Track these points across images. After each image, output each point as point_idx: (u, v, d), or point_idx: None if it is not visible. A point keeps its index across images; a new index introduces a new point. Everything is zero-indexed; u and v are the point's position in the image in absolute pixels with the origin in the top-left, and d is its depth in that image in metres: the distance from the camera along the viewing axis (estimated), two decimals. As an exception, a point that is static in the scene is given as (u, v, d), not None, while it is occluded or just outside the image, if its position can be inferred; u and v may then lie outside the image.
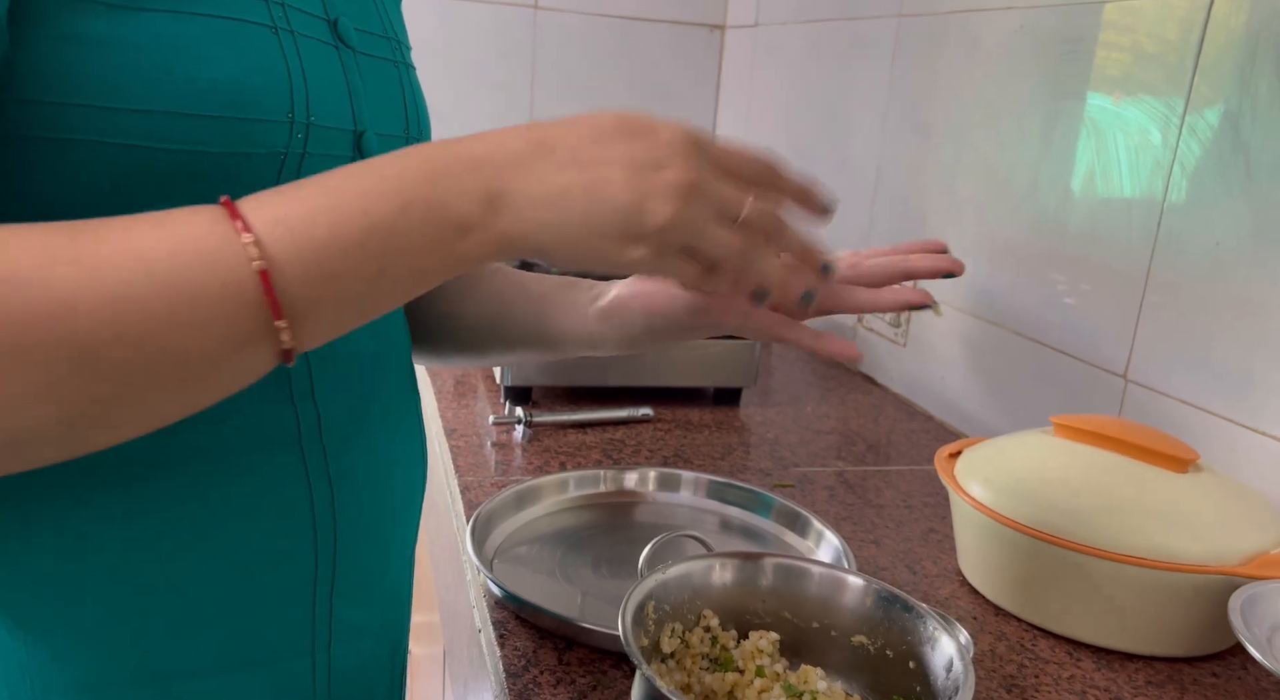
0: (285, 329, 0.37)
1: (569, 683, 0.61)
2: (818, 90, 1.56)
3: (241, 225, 0.36)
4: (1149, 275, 0.91)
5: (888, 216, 1.35)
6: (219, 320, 0.35)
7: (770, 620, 0.59)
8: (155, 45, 0.39)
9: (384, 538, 0.54)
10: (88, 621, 0.43)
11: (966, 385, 1.18)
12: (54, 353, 0.33)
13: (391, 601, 0.57)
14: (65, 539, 0.43)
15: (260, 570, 0.47)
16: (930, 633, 0.54)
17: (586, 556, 0.77)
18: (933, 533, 0.87)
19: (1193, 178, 0.86)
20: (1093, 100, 0.98)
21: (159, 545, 0.44)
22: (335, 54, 0.48)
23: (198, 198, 0.39)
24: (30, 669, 0.43)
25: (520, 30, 1.85)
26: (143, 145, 0.40)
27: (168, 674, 0.45)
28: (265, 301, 0.36)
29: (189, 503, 0.45)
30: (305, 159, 0.45)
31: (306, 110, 0.44)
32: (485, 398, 1.14)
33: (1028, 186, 1.07)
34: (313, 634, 0.50)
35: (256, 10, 0.43)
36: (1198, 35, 0.85)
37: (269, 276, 0.35)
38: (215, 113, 0.41)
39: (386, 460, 0.54)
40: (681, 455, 1.00)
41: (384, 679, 0.58)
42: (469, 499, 0.86)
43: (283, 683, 0.49)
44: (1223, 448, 0.83)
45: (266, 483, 0.47)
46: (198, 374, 0.37)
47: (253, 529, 0.47)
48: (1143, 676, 0.67)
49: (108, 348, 0.34)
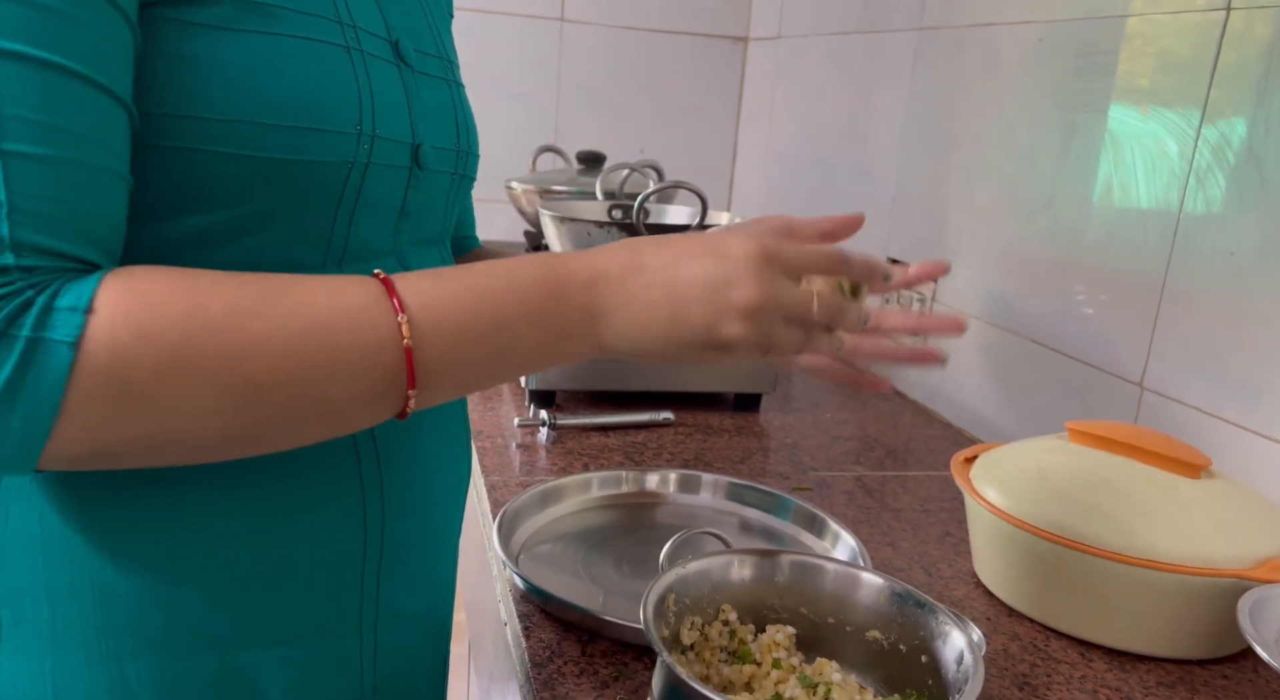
0: (414, 395, 0.44)
1: (592, 673, 0.63)
2: (839, 101, 1.59)
3: (398, 305, 0.43)
4: (1165, 285, 0.92)
5: (906, 226, 1.37)
6: (365, 379, 0.43)
7: (787, 615, 0.61)
8: (245, 63, 0.43)
9: (429, 528, 0.57)
10: (164, 593, 0.47)
11: (984, 393, 1.19)
12: (234, 387, 0.40)
13: (436, 589, 0.60)
14: (162, 521, 0.47)
15: (314, 554, 0.51)
16: (942, 627, 0.56)
17: (608, 555, 0.79)
18: (949, 536, 0.89)
19: (1208, 189, 0.88)
20: (1110, 112, 0.99)
21: (230, 527, 0.48)
22: (396, 72, 0.51)
23: (278, 201, 0.45)
24: (105, 631, 0.46)
25: (546, 42, 1.89)
26: (232, 152, 0.44)
27: (230, 643, 0.49)
28: (405, 372, 0.43)
29: (257, 490, 0.49)
30: (370, 168, 0.49)
31: (373, 123, 0.48)
32: (510, 401, 1.16)
33: (1045, 197, 1.09)
34: (360, 615, 0.53)
35: (332, 32, 0.47)
36: (1213, 49, 0.87)
37: (412, 354, 0.43)
38: (294, 123, 0.45)
39: (433, 455, 0.57)
40: (702, 458, 1.02)
41: (427, 663, 0.61)
42: (495, 498, 0.88)
43: (333, 659, 0.53)
44: (1237, 455, 0.84)
45: (323, 475, 0.51)
46: (336, 417, 0.44)
47: (309, 516, 0.51)
48: (1154, 677, 0.68)
49: (276, 389, 0.41)
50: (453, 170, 0.58)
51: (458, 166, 0.59)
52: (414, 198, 0.54)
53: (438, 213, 0.59)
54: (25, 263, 0.37)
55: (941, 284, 1.28)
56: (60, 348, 0.37)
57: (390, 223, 0.54)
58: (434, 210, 0.58)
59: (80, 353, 0.37)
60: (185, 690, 0.48)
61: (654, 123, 1.97)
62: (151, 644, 0.47)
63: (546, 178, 1.66)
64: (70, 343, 0.37)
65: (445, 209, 0.60)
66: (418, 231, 0.57)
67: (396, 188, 0.52)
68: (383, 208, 0.52)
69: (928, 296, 1.30)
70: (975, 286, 1.21)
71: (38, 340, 0.37)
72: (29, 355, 0.36)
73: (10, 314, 0.36)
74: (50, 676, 0.46)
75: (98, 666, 0.46)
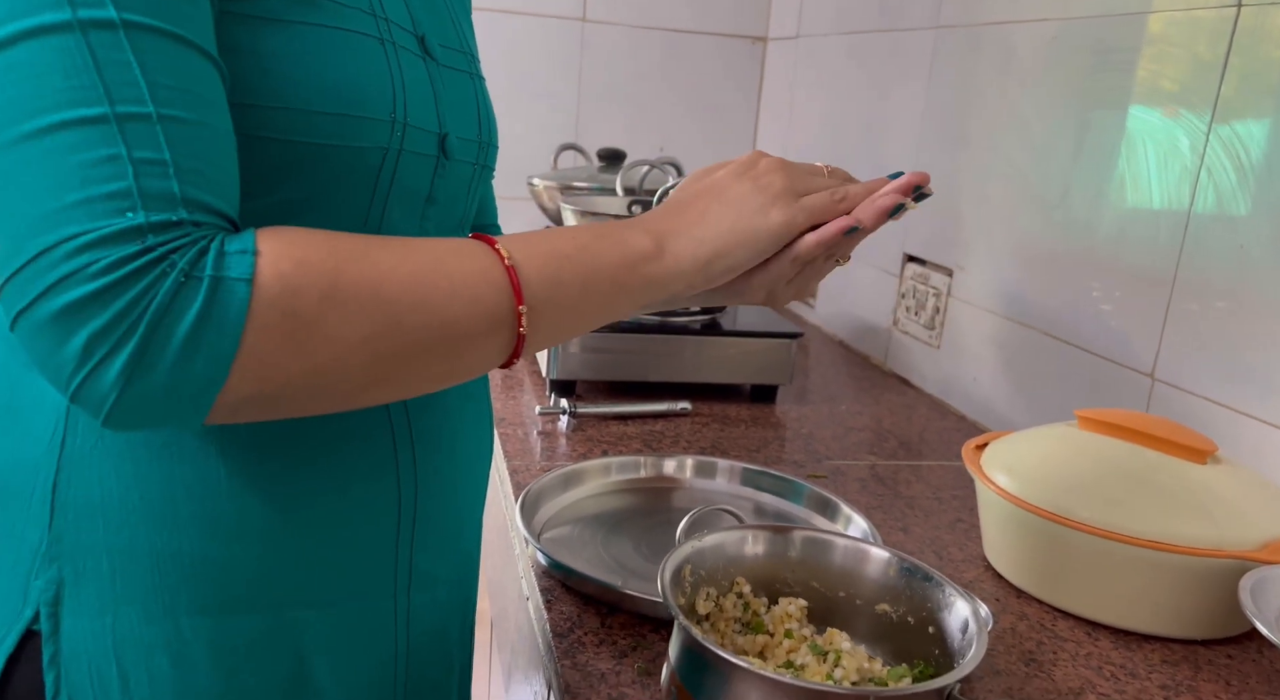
0: (525, 313, 0.48)
1: (611, 644, 0.66)
2: (856, 99, 1.60)
3: (492, 242, 0.49)
4: (1176, 278, 0.94)
5: (923, 222, 1.38)
6: (483, 299, 0.47)
7: (799, 589, 0.63)
8: (290, 53, 0.46)
9: (456, 500, 0.60)
10: (216, 555, 0.50)
11: (998, 385, 1.21)
12: (376, 314, 0.43)
13: (462, 560, 0.63)
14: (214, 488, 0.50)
15: (353, 521, 0.54)
16: (948, 599, 0.58)
17: (626, 536, 0.82)
18: (960, 522, 0.91)
19: (1219, 184, 0.89)
20: (1123, 109, 1.01)
21: (277, 495, 0.51)
22: (424, 65, 0.54)
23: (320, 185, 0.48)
24: (161, 589, 0.49)
25: (568, 42, 1.92)
26: (279, 138, 0.47)
27: (276, 603, 0.52)
28: (511, 290, 0.48)
29: (304, 461, 0.52)
30: (402, 155, 0.51)
31: (405, 111, 0.51)
32: (531, 390, 1.19)
33: (1059, 193, 1.10)
34: (395, 579, 0.56)
35: (367, 24, 0.50)
36: (1225, 46, 0.88)
37: (514, 271, 0.48)
38: (335, 110, 0.48)
39: (459, 432, 0.60)
40: (718, 447, 1.04)
41: (456, 628, 0.64)
42: (517, 481, 0.91)
43: (371, 620, 0.56)
44: (1246, 443, 0.85)
45: (362, 449, 0.54)
46: (463, 344, 0.47)
47: (349, 486, 0.54)
48: (1158, 656, 0.70)
49: (410, 313, 0.45)
50: (474, 160, 0.61)
51: (479, 157, 0.61)
52: (440, 185, 0.57)
53: (460, 200, 0.61)
54: (195, 218, 0.40)
55: (957, 278, 1.29)
56: (239, 285, 0.40)
57: (418, 209, 0.56)
58: (458, 198, 0.61)
59: (255, 287, 0.40)
60: (235, 645, 0.51)
61: (674, 122, 1.99)
62: (204, 602, 0.50)
63: (568, 175, 1.68)
64: (247, 279, 0.40)
65: (467, 197, 0.62)
66: (443, 218, 0.59)
67: (425, 175, 0.55)
68: (412, 194, 0.55)
69: (943, 291, 1.32)
70: (990, 281, 1.23)
71: (219, 279, 0.39)
72: (213, 293, 0.39)
73: (192, 258, 0.39)
74: (110, 631, 0.49)
75: (155, 622, 0.49)
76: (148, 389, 0.39)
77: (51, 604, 0.48)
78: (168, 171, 0.39)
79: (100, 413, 0.39)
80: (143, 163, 0.39)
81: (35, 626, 0.49)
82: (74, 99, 0.38)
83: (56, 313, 0.37)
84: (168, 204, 0.39)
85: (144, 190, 0.38)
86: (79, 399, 0.39)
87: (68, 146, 0.38)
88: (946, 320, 1.31)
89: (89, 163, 0.38)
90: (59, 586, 0.48)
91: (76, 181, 0.38)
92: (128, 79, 0.39)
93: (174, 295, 0.38)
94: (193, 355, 0.39)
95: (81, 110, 0.38)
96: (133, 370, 0.38)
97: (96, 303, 0.37)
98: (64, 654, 0.48)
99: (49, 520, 0.48)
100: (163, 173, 0.39)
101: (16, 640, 0.48)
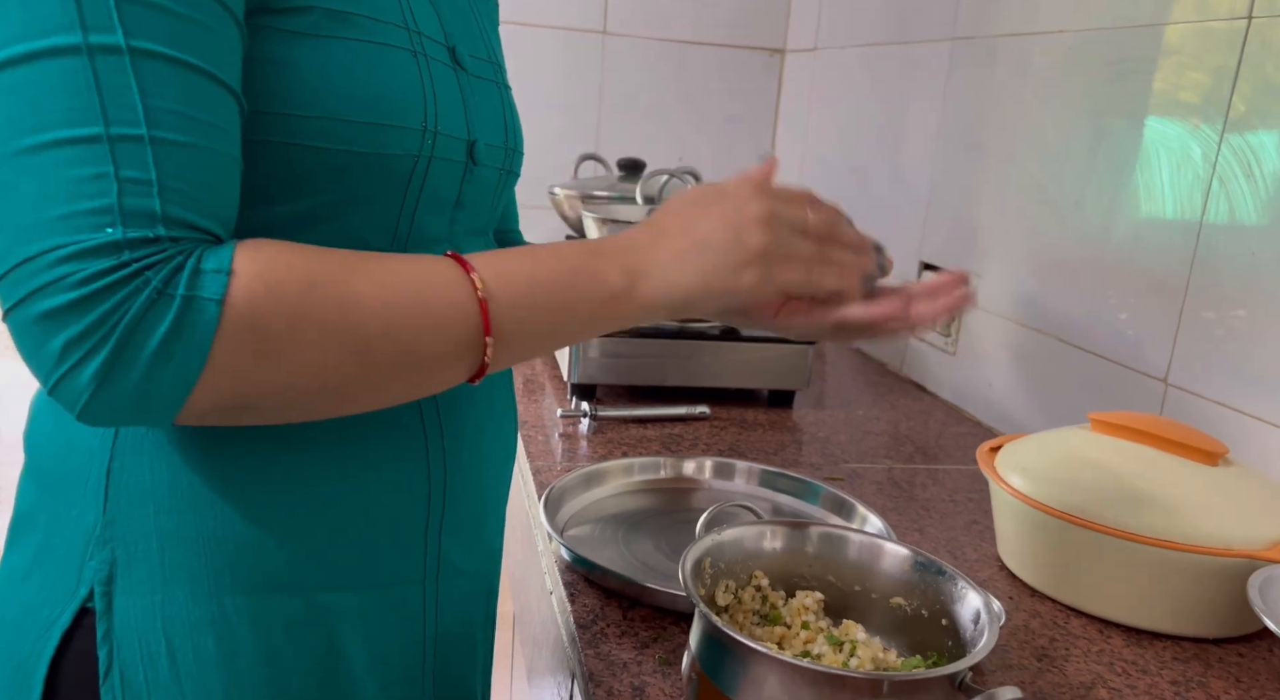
0: (491, 344, 0.49)
1: (633, 635, 0.68)
2: (873, 111, 1.63)
3: (468, 268, 0.49)
4: (1189, 285, 0.95)
5: (939, 231, 1.40)
6: (452, 330, 0.48)
7: (816, 583, 0.65)
8: (328, 65, 0.49)
9: (483, 487, 0.63)
10: (259, 539, 0.53)
11: (1013, 391, 1.22)
12: (346, 339, 0.46)
13: (487, 552, 0.66)
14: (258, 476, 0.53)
15: (385, 509, 0.56)
16: (960, 592, 0.59)
17: (647, 534, 0.84)
18: (975, 524, 0.92)
19: (1231, 191, 0.90)
20: (1137, 119, 1.03)
21: (315, 483, 0.54)
22: (454, 75, 0.57)
23: (354, 191, 0.51)
24: (208, 571, 0.52)
25: (589, 54, 1.95)
26: (314, 146, 0.49)
27: (313, 585, 0.54)
28: (481, 320, 0.49)
29: (339, 451, 0.55)
30: (432, 162, 0.54)
31: (436, 120, 0.53)
32: (552, 395, 1.21)
33: (1074, 201, 1.12)
34: (424, 567, 0.59)
35: (400, 38, 0.52)
36: (1236, 57, 0.90)
37: (485, 304, 0.49)
38: (369, 120, 0.50)
39: (486, 426, 0.63)
40: (736, 449, 1.06)
41: (480, 616, 0.67)
42: (540, 480, 0.93)
43: (401, 606, 0.58)
44: (1258, 446, 0.86)
45: (394, 439, 0.56)
46: (428, 370, 0.49)
47: (382, 475, 0.56)
48: (1169, 653, 0.71)
49: (378, 341, 0.46)
50: (501, 166, 0.63)
51: (505, 163, 0.64)
52: (468, 190, 0.60)
53: (487, 205, 0.64)
54: (173, 234, 0.42)
55: (973, 286, 1.31)
56: (209, 304, 0.42)
57: (447, 213, 0.59)
58: (484, 202, 0.63)
59: (225, 308, 0.42)
60: (275, 625, 0.53)
61: (693, 133, 2.02)
62: (247, 583, 0.52)
63: (588, 184, 1.71)
64: (217, 300, 0.42)
65: (493, 202, 0.65)
66: (470, 221, 0.62)
67: (454, 180, 0.58)
68: (441, 199, 0.57)
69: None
70: (1006, 288, 1.24)
71: (191, 298, 0.42)
72: (184, 312, 0.42)
73: (166, 276, 0.42)
74: (160, 609, 0.51)
75: (201, 602, 0.52)
76: (118, 393, 0.42)
77: (105, 583, 0.51)
78: (151, 190, 0.42)
79: (75, 409, 0.42)
80: (128, 181, 0.41)
81: (90, 604, 0.51)
82: (73, 119, 0.41)
83: (38, 316, 0.40)
84: (147, 221, 0.41)
85: (125, 208, 0.41)
86: (56, 395, 0.42)
87: (61, 163, 0.40)
88: (962, 327, 1.33)
89: (78, 179, 0.41)
90: (112, 567, 0.51)
91: (63, 196, 0.40)
92: (126, 102, 0.41)
93: (146, 311, 0.41)
94: (162, 367, 0.42)
95: (79, 130, 0.41)
96: (104, 376, 0.41)
97: (73, 312, 0.40)
98: (116, 631, 0.51)
99: (103, 505, 0.51)
100: (146, 191, 0.41)
101: (72, 617, 0.51)
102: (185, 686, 0.52)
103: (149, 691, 0.51)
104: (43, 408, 0.55)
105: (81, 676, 0.51)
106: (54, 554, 0.52)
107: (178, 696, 0.52)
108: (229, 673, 0.52)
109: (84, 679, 0.51)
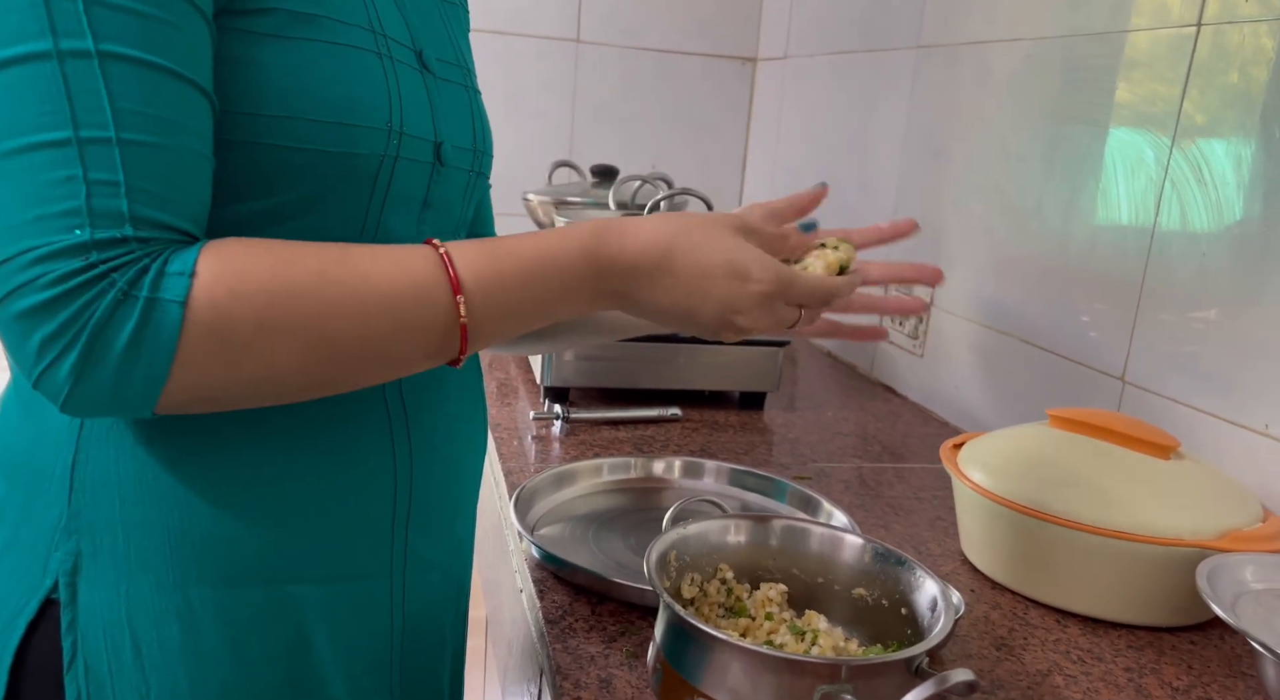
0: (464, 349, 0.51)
1: (601, 629, 0.69)
2: (842, 117, 1.65)
3: (455, 283, 0.50)
4: (1144, 286, 0.98)
5: (907, 235, 1.42)
6: (424, 343, 0.50)
7: (780, 576, 0.66)
8: (294, 66, 0.50)
9: (451, 483, 0.63)
10: (225, 531, 0.53)
11: (978, 391, 1.25)
12: (314, 345, 0.47)
13: (456, 546, 0.66)
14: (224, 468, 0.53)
15: (352, 502, 0.57)
16: (918, 580, 0.61)
17: (616, 532, 0.85)
18: (939, 520, 0.94)
19: (1182, 195, 0.93)
20: (1091, 126, 1.05)
21: (281, 476, 0.55)
22: (420, 78, 0.58)
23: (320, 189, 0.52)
24: (173, 562, 0.52)
25: (563, 62, 1.97)
26: (281, 145, 0.50)
27: (279, 577, 0.55)
28: (459, 339, 0.51)
29: (305, 444, 0.55)
30: (398, 162, 0.55)
31: (401, 121, 0.54)
32: (526, 398, 1.22)
33: (1033, 206, 1.14)
34: (390, 560, 0.59)
35: (366, 39, 0.53)
36: (1185, 64, 0.93)
37: (467, 329, 0.51)
38: (334, 119, 0.51)
39: (454, 420, 0.63)
40: (707, 450, 1.08)
41: (449, 614, 0.67)
42: (511, 481, 0.94)
43: (368, 598, 0.59)
44: (1209, 441, 0.89)
45: (359, 432, 0.57)
46: (399, 369, 0.52)
47: (348, 467, 0.57)
48: (1124, 641, 0.73)
49: (350, 346, 0.48)
50: (469, 168, 0.65)
51: (474, 164, 0.65)
52: (436, 191, 0.61)
53: (456, 206, 0.65)
54: (141, 234, 0.44)
55: (939, 289, 1.33)
56: (172, 306, 0.44)
57: (415, 213, 0.60)
58: (453, 203, 0.64)
59: (187, 310, 0.44)
60: (241, 616, 0.54)
61: (666, 140, 2.04)
62: (213, 575, 0.53)
63: (562, 190, 1.72)
64: (179, 302, 0.44)
65: (463, 203, 0.66)
66: (439, 222, 0.63)
67: (420, 181, 0.59)
68: (409, 199, 0.59)
69: (925, 301, 1.36)
70: (969, 291, 1.27)
71: (154, 300, 0.43)
72: (148, 313, 0.43)
73: (131, 278, 0.43)
74: (124, 600, 0.52)
75: (166, 593, 0.52)
76: (95, 388, 0.44)
77: (70, 574, 0.52)
78: (119, 191, 0.43)
79: (58, 402, 0.44)
80: (97, 183, 0.43)
81: (54, 595, 0.52)
82: (44, 123, 0.42)
83: (17, 315, 0.42)
84: (115, 221, 0.43)
85: (94, 209, 0.42)
86: (39, 389, 0.44)
87: (34, 166, 0.42)
88: (929, 329, 1.35)
89: (50, 182, 0.42)
90: (77, 558, 0.52)
91: (36, 199, 0.42)
92: (95, 106, 0.43)
93: (113, 311, 0.43)
94: (132, 365, 0.44)
95: (50, 134, 0.42)
96: (79, 372, 0.43)
97: (46, 312, 0.42)
98: (81, 621, 0.52)
99: (68, 497, 0.52)
100: (114, 192, 0.43)
101: (37, 608, 0.52)
102: (150, 677, 0.52)
103: (113, 681, 0.52)
104: (10, 401, 0.56)
105: (46, 667, 0.52)
106: (20, 546, 0.53)
107: (141, 686, 0.52)
108: (194, 663, 0.53)
109: (49, 669, 0.52)
